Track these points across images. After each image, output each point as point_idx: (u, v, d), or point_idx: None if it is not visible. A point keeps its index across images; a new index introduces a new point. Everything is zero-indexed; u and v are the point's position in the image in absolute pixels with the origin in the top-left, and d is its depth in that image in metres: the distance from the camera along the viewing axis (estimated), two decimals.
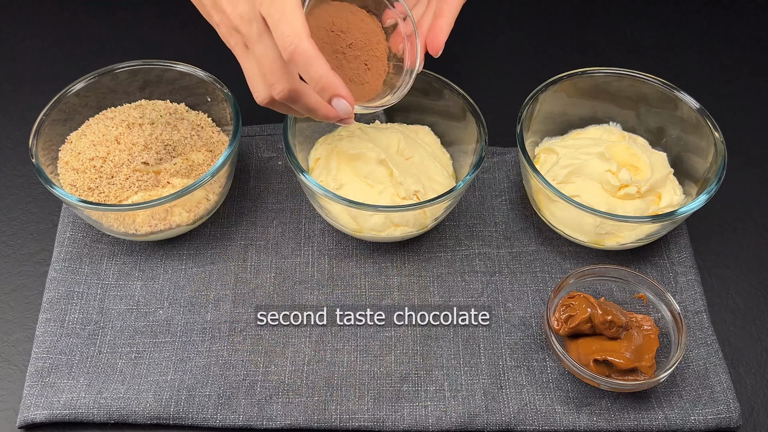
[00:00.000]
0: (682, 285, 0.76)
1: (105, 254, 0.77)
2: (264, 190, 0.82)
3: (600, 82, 0.81)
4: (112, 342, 0.72)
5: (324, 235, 0.79)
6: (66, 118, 0.79)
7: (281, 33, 0.56)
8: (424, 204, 0.71)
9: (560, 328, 0.69)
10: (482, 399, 0.69)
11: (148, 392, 0.69)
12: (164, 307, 0.74)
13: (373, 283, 0.76)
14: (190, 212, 0.76)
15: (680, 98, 0.79)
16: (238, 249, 0.78)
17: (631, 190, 0.75)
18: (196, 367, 0.70)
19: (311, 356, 0.71)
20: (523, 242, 0.79)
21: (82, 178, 0.75)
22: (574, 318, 0.69)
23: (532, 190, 0.78)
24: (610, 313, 0.68)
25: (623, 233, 0.75)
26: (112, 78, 0.80)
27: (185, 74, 0.81)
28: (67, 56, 0.95)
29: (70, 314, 0.73)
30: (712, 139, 0.76)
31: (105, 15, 1.00)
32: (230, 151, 0.74)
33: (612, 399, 0.69)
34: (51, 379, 0.69)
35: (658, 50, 0.99)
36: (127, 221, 0.74)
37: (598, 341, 0.69)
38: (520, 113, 0.77)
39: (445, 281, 0.76)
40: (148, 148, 0.76)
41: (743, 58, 0.99)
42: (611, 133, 0.82)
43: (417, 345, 0.72)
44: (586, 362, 0.68)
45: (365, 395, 0.69)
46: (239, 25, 0.59)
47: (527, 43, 1.00)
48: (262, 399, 0.69)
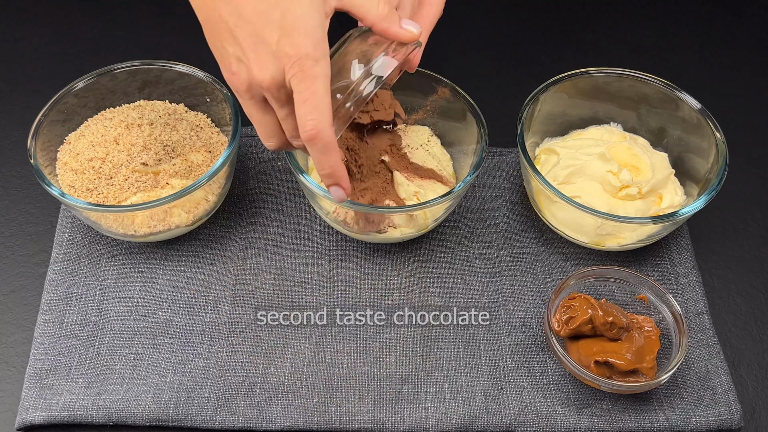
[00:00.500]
0: (684, 286, 0.76)
1: (104, 255, 0.77)
2: (263, 191, 0.82)
3: (601, 83, 0.81)
4: (111, 343, 0.72)
5: (324, 236, 0.79)
6: (65, 118, 0.78)
7: (305, 113, 0.56)
8: (425, 205, 0.71)
9: (561, 330, 0.69)
10: (483, 400, 0.69)
11: (147, 394, 0.68)
12: (163, 308, 0.74)
13: (373, 284, 0.76)
14: (189, 213, 0.75)
15: (681, 98, 0.79)
16: (237, 250, 0.78)
17: (632, 190, 0.75)
18: (196, 369, 0.70)
19: (311, 357, 0.71)
20: (524, 243, 0.79)
21: (81, 179, 0.75)
22: (575, 319, 0.68)
23: (532, 191, 0.78)
24: (611, 315, 0.68)
25: (624, 234, 0.74)
26: (110, 78, 0.80)
27: (184, 74, 0.80)
28: (66, 56, 0.95)
29: (69, 316, 0.73)
30: (713, 139, 0.76)
31: (103, 15, 1.00)
32: (229, 152, 0.74)
33: (613, 400, 0.69)
34: (49, 380, 0.69)
35: (659, 50, 0.99)
36: (126, 222, 0.73)
37: (598, 342, 0.69)
38: (521, 114, 0.77)
39: (445, 282, 0.76)
40: (147, 149, 0.76)
41: (744, 58, 0.98)
42: (612, 133, 0.82)
43: (417, 346, 0.72)
44: (587, 364, 0.68)
45: (365, 397, 0.69)
46: (267, 87, 0.57)
47: (528, 44, 0.99)
48: (261, 400, 0.69)
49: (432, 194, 0.75)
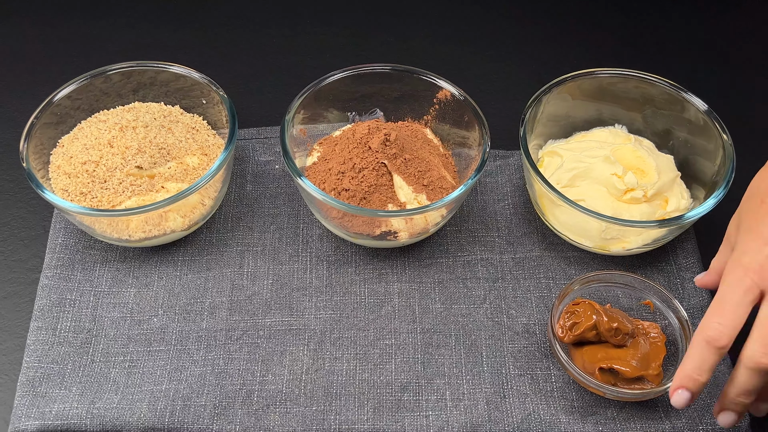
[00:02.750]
0: (690, 291, 0.75)
1: (98, 261, 0.76)
2: (261, 194, 0.82)
3: (605, 84, 0.81)
4: (106, 350, 0.71)
5: (322, 240, 0.78)
6: (57, 121, 0.78)
7: None
8: (426, 209, 0.70)
9: (565, 336, 0.69)
10: (485, 408, 0.68)
11: (142, 402, 0.68)
12: (159, 314, 0.73)
13: (372, 290, 0.75)
14: (185, 217, 0.75)
15: (687, 100, 0.78)
16: (234, 255, 0.77)
17: (638, 194, 0.74)
18: (192, 376, 0.70)
19: (309, 365, 0.71)
20: (527, 247, 0.78)
21: (75, 182, 0.74)
22: (579, 325, 0.68)
23: (535, 194, 0.77)
24: (616, 320, 0.68)
25: (629, 238, 0.74)
26: (104, 80, 0.80)
27: (180, 76, 0.80)
28: (58, 57, 0.95)
29: (63, 322, 0.72)
30: (720, 141, 0.76)
31: (97, 15, 1.00)
32: (226, 155, 0.74)
33: (618, 408, 0.68)
34: (43, 388, 0.68)
35: (664, 50, 0.99)
36: (121, 227, 0.73)
37: (603, 349, 0.68)
38: (523, 115, 0.77)
39: (446, 288, 0.75)
40: (141, 152, 0.76)
41: (752, 58, 0.98)
42: (617, 135, 0.81)
43: (418, 353, 0.72)
44: (592, 371, 0.67)
45: (365, 405, 0.69)
46: None
47: (530, 44, 0.99)
48: (259, 409, 0.68)
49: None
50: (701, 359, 0.59)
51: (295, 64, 0.95)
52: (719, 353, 0.59)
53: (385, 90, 0.81)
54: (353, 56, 0.95)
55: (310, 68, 0.91)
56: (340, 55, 0.96)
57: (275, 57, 0.96)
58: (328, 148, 0.78)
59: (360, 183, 0.73)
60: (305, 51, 0.97)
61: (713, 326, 0.59)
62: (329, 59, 0.96)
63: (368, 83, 0.80)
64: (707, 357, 0.59)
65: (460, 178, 0.79)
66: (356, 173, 0.73)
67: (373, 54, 0.96)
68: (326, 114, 0.81)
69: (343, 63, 0.80)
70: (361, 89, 0.81)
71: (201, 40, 0.98)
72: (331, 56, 0.96)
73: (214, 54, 0.96)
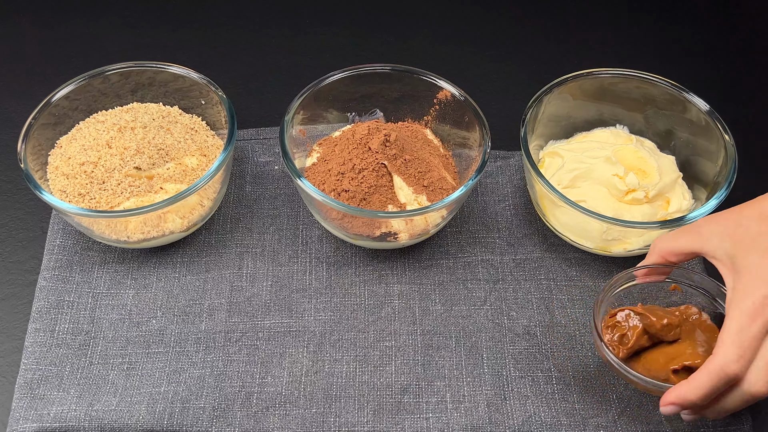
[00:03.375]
0: None
1: (96, 262, 0.76)
2: (260, 195, 0.82)
3: (606, 84, 0.80)
4: (104, 352, 0.71)
5: (322, 241, 0.78)
6: (55, 121, 0.78)
7: None
8: (426, 210, 0.70)
9: (619, 352, 0.64)
10: (485, 410, 0.68)
11: (141, 404, 0.68)
12: (157, 316, 0.73)
13: (372, 291, 0.75)
14: (183, 219, 0.75)
15: (689, 100, 0.78)
16: (233, 256, 0.77)
17: (639, 194, 0.74)
18: (191, 378, 0.69)
19: (309, 367, 0.70)
20: (528, 249, 0.78)
21: (73, 183, 0.74)
22: (629, 336, 0.63)
23: (536, 195, 0.77)
24: (663, 317, 0.64)
25: (630, 239, 0.74)
26: (102, 80, 0.80)
27: (178, 76, 0.80)
28: (57, 58, 0.94)
29: (61, 324, 0.72)
30: (722, 142, 0.76)
31: (95, 15, 1.00)
32: (225, 156, 0.73)
33: (619, 411, 0.68)
34: (41, 390, 0.68)
35: (665, 50, 0.98)
36: (119, 228, 0.73)
37: (662, 352, 0.64)
38: (524, 116, 0.77)
39: (446, 289, 0.75)
40: (140, 153, 0.75)
41: (753, 58, 0.98)
42: (618, 136, 0.81)
43: (418, 355, 0.71)
44: (665, 377, 0.63)
45: (365, 407, 0.68)
46: None
47: (531, 44, 0.99)
48: (258, 411, 0.68)
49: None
50: (712, 390, 0.57)
51: (295, 64, 0.95)
52: (730, 384, 0.57)
53: (385, 90, 0.81)
54: (353, 56, 0.95)
55: (309, 68, 0.91)
56: (340, 55, 0.96)
57: (275, 57, 0.96)
58: (327, 149, 0.78)
59: (360, 184, 0.72)
60: (305, 51, 0.97)
61: (732, 359, 0.56)
62: (329, 59, 0.95)
63: (368, 83, 0.80)
64: (718, 388, 0.57)
65: (461, 178, 0.79)
66: (356, 174, 0.73)
67: (373, 54, 0.96)
68: (326, 114, 0.81)
69: (343, 63, 0.80)
70: (361, 89, 0.80)
71: (200, 40, 0.97)
72: (330, 56, 0.96)
73: (213, 54, 0.96)
